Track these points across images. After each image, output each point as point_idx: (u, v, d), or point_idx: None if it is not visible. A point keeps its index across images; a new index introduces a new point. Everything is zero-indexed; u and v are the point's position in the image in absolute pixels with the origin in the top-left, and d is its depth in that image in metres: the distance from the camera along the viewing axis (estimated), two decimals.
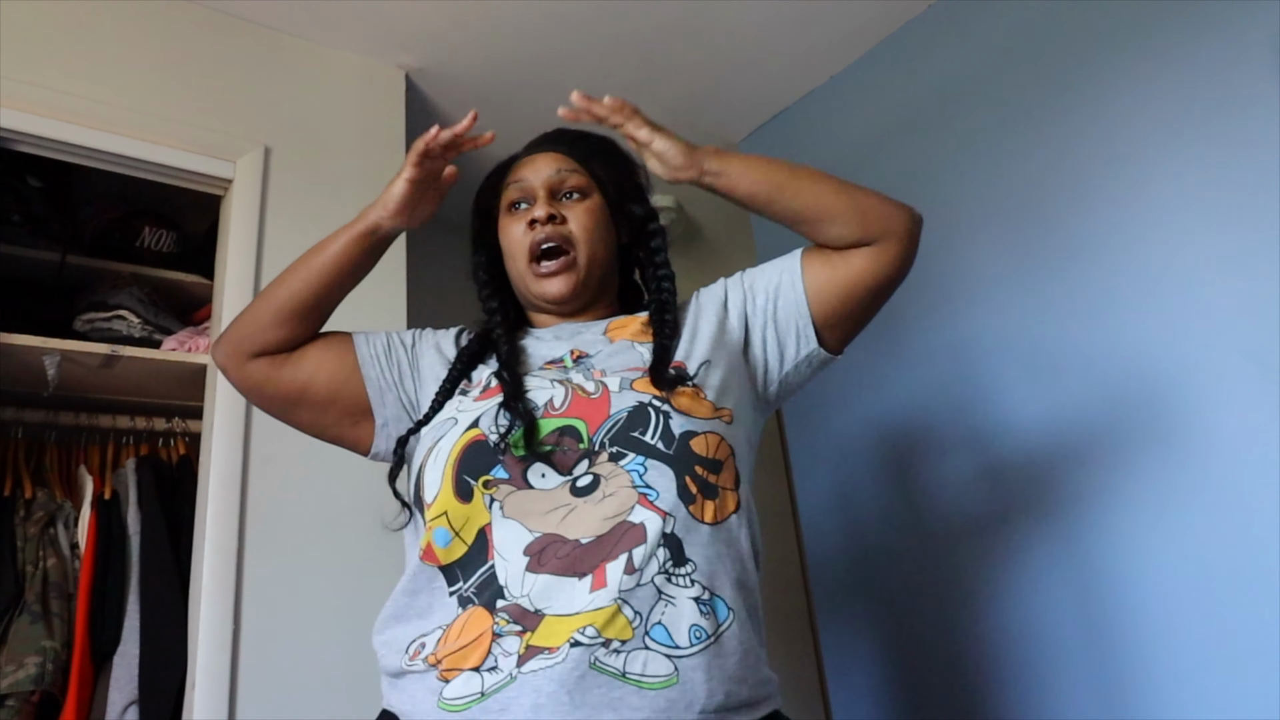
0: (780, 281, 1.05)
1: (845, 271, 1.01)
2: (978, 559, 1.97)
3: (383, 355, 1.09)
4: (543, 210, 1.06)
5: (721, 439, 0.93)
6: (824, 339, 1.05)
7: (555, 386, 0.96)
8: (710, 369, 1.00)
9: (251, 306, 1.08)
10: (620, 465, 0.89)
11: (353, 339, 1.10)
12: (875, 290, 1.03)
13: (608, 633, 0.82)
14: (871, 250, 1.00)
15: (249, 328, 1.06)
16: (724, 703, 0.84)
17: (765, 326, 1.05)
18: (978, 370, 2.02)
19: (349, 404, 1.07)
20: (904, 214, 1.03)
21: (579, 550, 0.85)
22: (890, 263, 1.01)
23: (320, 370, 1.06)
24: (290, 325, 1.05)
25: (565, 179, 1.09)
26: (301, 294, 1.05)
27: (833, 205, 1.00)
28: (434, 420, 1.00)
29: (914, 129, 2.25)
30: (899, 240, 1.01)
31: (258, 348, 1.06)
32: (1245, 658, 1.53)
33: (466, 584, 0.88)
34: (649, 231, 1.14)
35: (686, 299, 1.12)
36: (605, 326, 1.09)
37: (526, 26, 2.21)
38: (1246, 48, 1.64)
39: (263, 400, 1.10)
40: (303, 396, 1.07)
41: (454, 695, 0.84)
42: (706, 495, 0.90)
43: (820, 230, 1.01)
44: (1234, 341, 1.60)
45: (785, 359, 1.06)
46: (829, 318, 1.04)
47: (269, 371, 1.06)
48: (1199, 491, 1.63)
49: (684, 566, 0.86)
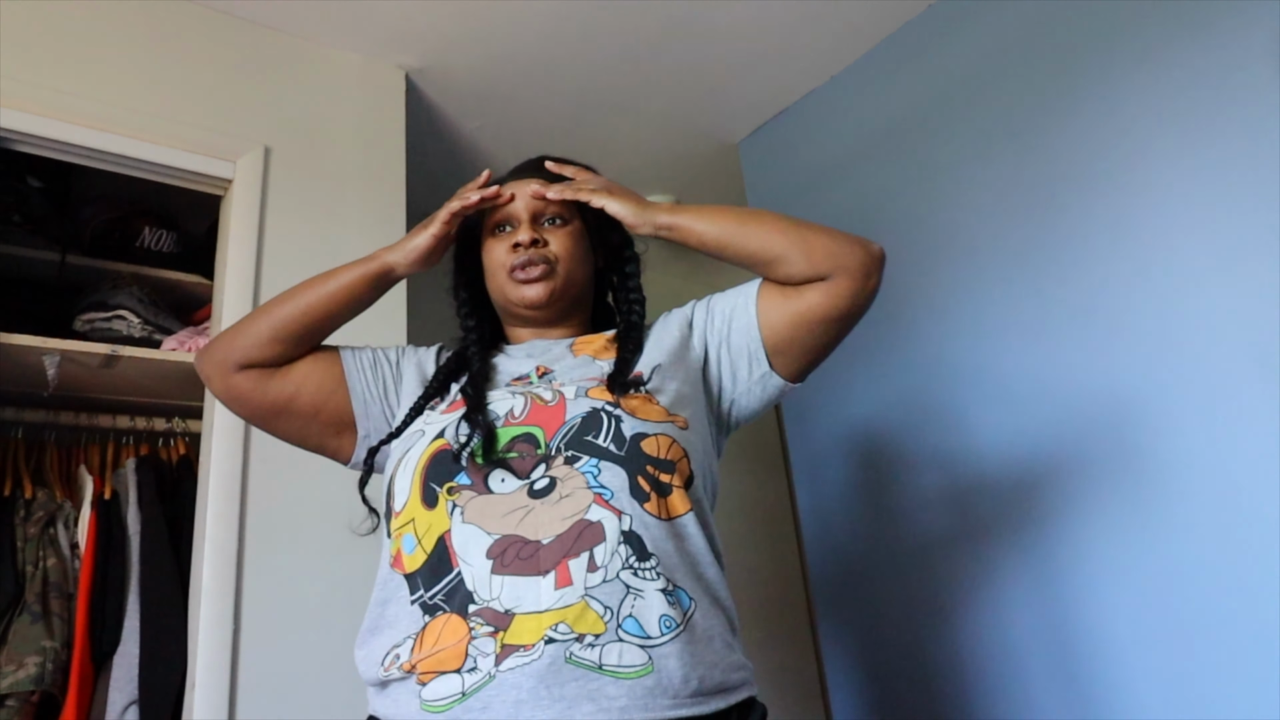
0: (736, 305, 1.10)
1: (797, 304, 1.06)
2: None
3: (368, 369, 1.13)
4: (526, 234, 1.11)
5: (674, 441, 0.97)
6: (776, 365, 1.09)
7: (516, 397, 1.02)
8: (666, 379, 1.05)
9: (248, 321, 1.11)
10: (575, 468, 0.93)
11: (340, 353, 1.14)
12: (827, 322, 1.06)
13: (579, 628, 0.85)
14: (824, 285, 1.04)
15: (243, 340, 1.09)
16: (699, 688, 0.88)
17: (720, 347, 1.11)
18: (970, 375, 2.03)
19: (333, 415, 1.11)
20: (857, 250, 1.05)
21: (540, 550, 0.88)
22: (842, 296, 1.04)
23: (307, 383, 1.10)
24: (286, 345, 1.09)
25: (547, 207, 1.14)
26: (303, 318, 1.09)
27: (778, 247, 1.04)
28: (404, 433, 1.05)
29: (914, 129, 2.25)
30: (851, 276, 1.04)
31: (249, 361, 1.09)
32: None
33: (429, 592, 0.91)
34: (624, 257, 1.21)
35: (653, 320, 1.18)
36: (571, 344, 1.14)
37: (526, 26, 2.21)
38: (1247, 48, 1.64)
39: (245, 410, 1.13)
40: (287, 407, 1.10)
41: (434, 696, 0.86)
42: (659, 493, 0.94)
43: (773, 270, 1.06)
44: (1236, 343, 1.61)
45: (738, 380, 1.10)
46: (780, 345, 1.08)
47: (256, 383, 1.09)
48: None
49: (648, 560, 0.90)
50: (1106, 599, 1.73)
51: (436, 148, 2.66)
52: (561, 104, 2.54)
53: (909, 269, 2.18)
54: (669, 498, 0.95)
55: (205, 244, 2.14)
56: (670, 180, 3.03)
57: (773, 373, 1.09)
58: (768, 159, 2.73)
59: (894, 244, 2.24)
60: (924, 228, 2.18)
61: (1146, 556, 1.68)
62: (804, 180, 2.55)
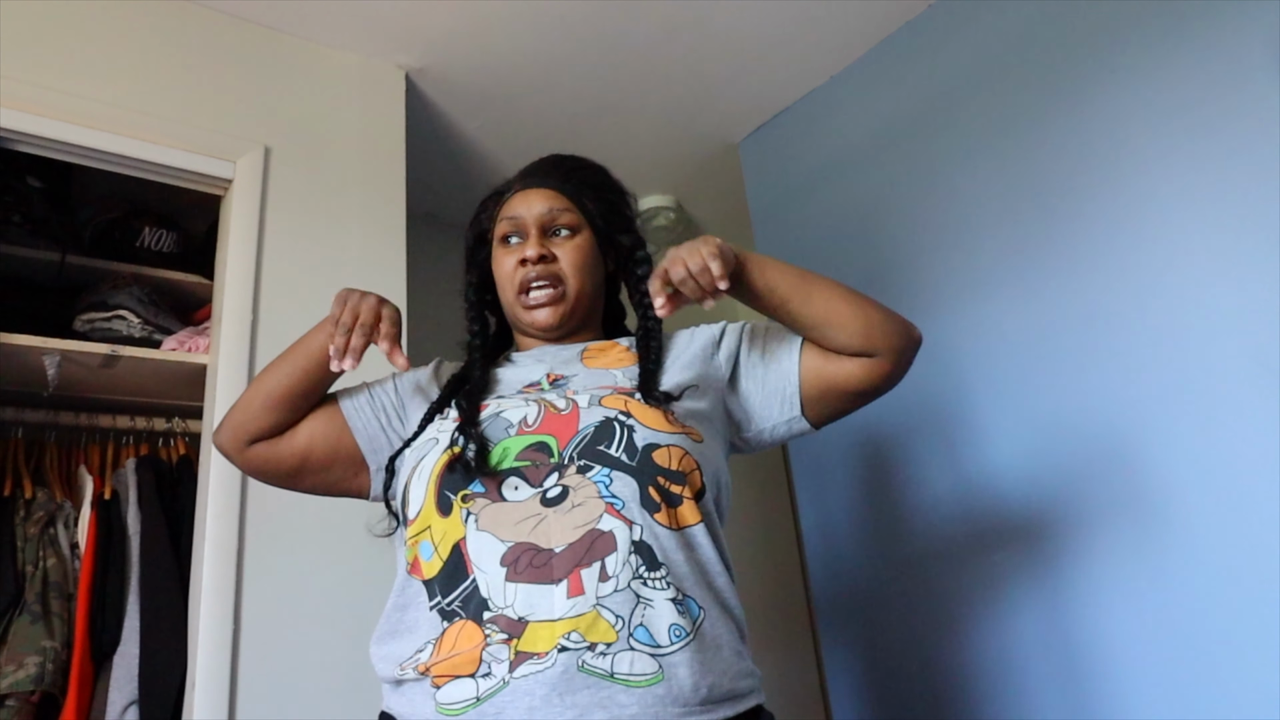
0: (780, 349, 1.11)
1: (835, 370, 1.07)
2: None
3: (365, 407, 1.15)
4: (534, 250, 1.12)
5: (686, 453, 0.97)
6: (808, 413, 1.11)
7: (529, 405, 1.02)
8: (691, 394, 1.06)
9: (243, 398, 1.15)
10: (587, 477, 0.94)
11: (338, 399, 1.16)
12: (858, 395, 1.09)
13: (591, 636, 0.86)
14: (866, 361, 1.05)
15: (242, 417, 1.13)
16: (708, 695, 0.88)
17: (755, 381, 1.12)
18: (971, 377, 2.02)
19: (345, 459, 1.14)
20: (907, 333, 1.07)
21: (552, 558, 0.89)
22: (879, 376, 1.06)
23: (314, 438, 1.13)
24: (281, 411, 1.11)
25: (556, 217, 1.15)
26: (287, 382, 1.11)
27: (841, 316, 1.04)
28: (417, 441, 1.06)
29: (914, 129, 2.25)
30: (895, 358, 1.06)
31: (252, 434, 1.12)
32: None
33: (446, 599, 0.92)
34: (635, 259, 1.20)
35: (670, 332, 1.18)
36: (582, 351, 1.15)
37: (526, 26, 2.21)
38: (1246, 48, 1.64)
39: (268, 478, 1.17)
40: (303, 465, 1.14)
41: (449, 700, 0.87)
42: (669, 504, 0.95)
43: (825, 335, 1.06)
44: (1236, 344, 1.60)
45: (768, 416, 1.12)
46: (812, 399, 1.10)
47: (269, 452, 1.13)
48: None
49: (657, 570, 0.91)
50: (1113, 615, 1.70)
51: (436, 148, 2.66)
52: (561, 104, 2.54)
53: (907, 269, 2.18)
54: (679, 508, 0.95)
55: (205, 244, 2.14)
56: (670, 180, 3.02)
57: (802, 418, 1.11)
58: (768, 159, 2.72)
59: (893, 244, 2.26)
60: (924, 228, 2.18)
61: (1154, 573, 1.65)
62: (804, 180, 2.55)
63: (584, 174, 1.21)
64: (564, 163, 1.22)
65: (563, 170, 1.20)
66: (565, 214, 1.15)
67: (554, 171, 1.19)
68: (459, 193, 2.82)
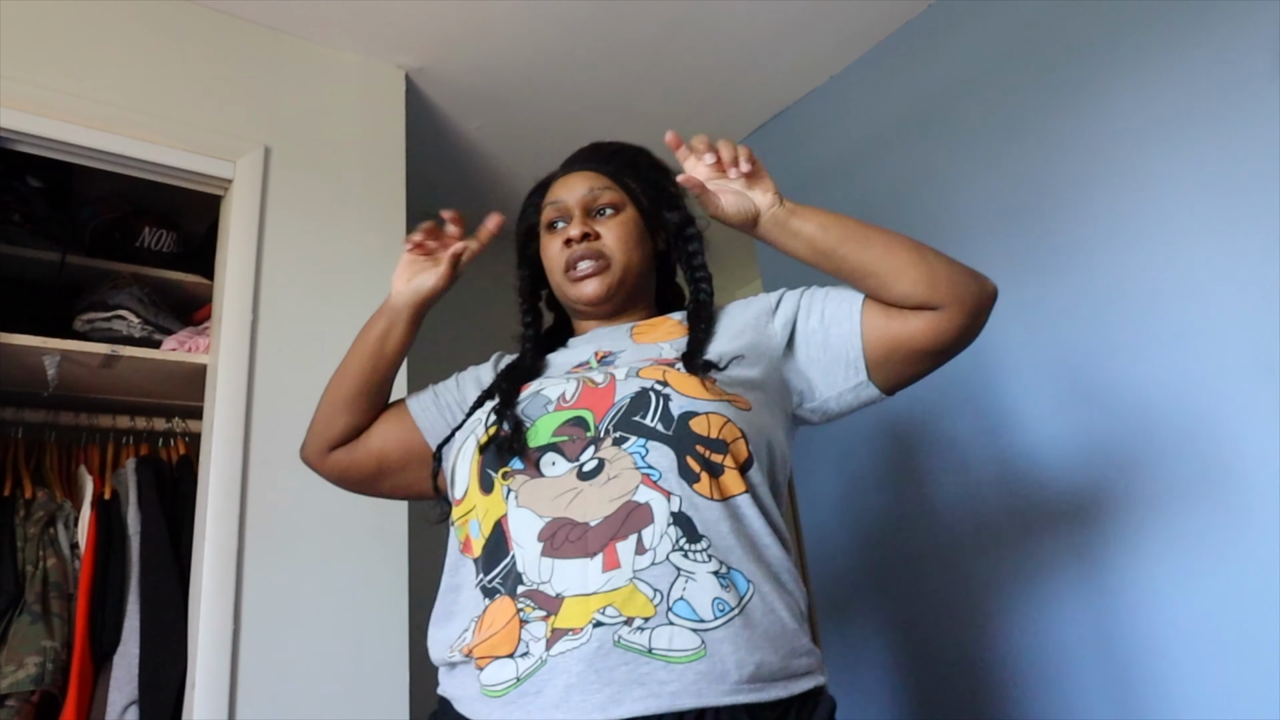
0: (839, 310, 1.05)
1: (900, 327, 1.00)
2: (991, 570, 1.92)
3: (431, 405, 1.18)
4: (577, 229, 1.12)
5: (728, 420, 0.94)
6: (874, 377, 1.04)
7: (569, 381, 1.01)
8: (738, 364, 1.02)
9: (318, 406, 1.18)
10: (623, 449, 0.92)
11: (405, 402, 1.19)
12: (928, 354, 1.01)
13: (628, 611, 0.84)
14: (933, 315, 0.98)
15: (318, 426, 1.17)
16: (755, 673, 0.85)
17: (815, 347, 1.06)
18: (973, 376, 2.02)
19: (418, 459, 1.16)
20: (976, 284, 1.00)
21: (588, 532, 0.88)
22: (949, 331, 0.99)
23: (388, 439, 1.16)
24: (352, 412, 1.15)
25: (598, 196, 1.15)
26: (355, 379, 1.15)
27: (900, 261, 0.98)
28: (464, 425, 1.08)
29: (914, 129, 2.25)
30: (964, 311, 0.98)
31: (331, 440, 1.16)
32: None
33: (489, 576, 0.92)
34: (686, 236, 1.19)
35: (723, 304, 1.16)
36: (633, 328, 1.15)
37: (526, 26, 2.21)
38: (1246, 48, 1.64)
39: (351, 484, 1.20)
40: (381, 467, 1.17)
41: (492, 681, 0.87)
42: (711, 474, 0.91)
43: (887, 286, 0.99)
44: (1237, 345, 1.60)
45: (831, 383, 1.06)
46: (878, 361, 1.03)
47: (346, 459, 1.17)
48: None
49: (699, 543, 0.88)
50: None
51: (436, 148, 2.66)
52: (561, 104, 2.54)
53: None
54: (721, 478, 0.91)
55: (205, 244, 2.14)
56: None
57: (869, 383, 1.04)
58: (768, 159, 2.67)
59: None
60: (924, 227, 2.17)
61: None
62: (804, 179, 2.55)
63: (624, 154, 1.21)
64: (603, 146, 1.23)
65: (603, 153, 1.21)
66: (607, 192, 1.15)
67: (594, 155, 1.21)
68: (459, 192, 2.82)
